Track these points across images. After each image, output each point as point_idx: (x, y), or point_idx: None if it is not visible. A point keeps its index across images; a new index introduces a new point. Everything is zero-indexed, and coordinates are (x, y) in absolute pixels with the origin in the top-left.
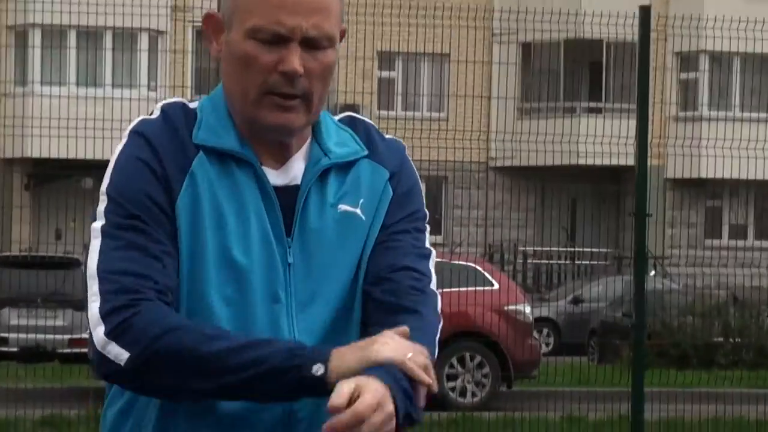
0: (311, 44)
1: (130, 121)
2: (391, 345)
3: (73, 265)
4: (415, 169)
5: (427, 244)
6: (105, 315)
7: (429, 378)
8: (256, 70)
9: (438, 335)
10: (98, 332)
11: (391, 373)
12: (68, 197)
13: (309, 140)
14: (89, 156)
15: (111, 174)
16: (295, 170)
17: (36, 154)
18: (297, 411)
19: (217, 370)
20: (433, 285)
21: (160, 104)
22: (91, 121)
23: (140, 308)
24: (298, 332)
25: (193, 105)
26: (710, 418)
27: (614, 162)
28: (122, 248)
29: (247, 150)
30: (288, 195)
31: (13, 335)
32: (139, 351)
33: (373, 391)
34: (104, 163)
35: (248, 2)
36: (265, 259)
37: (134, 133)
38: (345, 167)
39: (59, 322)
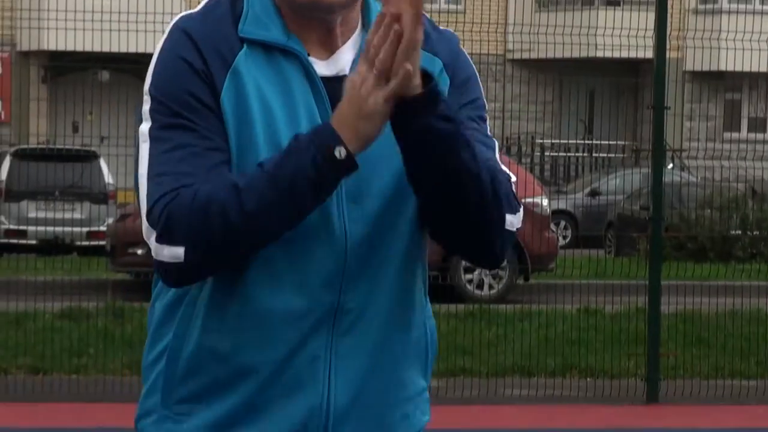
0: None
1: (146, 13)
2: (369, 82)
3: (90, 157)
4: (470, 60)
5: (489, 133)
6: (150, 219)
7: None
8: None
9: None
10: (151, 242)
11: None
12: (85, 90)
13: (358, 30)
14: (106, 49)
15: (153, 73)
16: (343, 60)
17: (53, 47)
18: (345, 303)
19: (260, 218)
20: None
21: None
22: (108, 13)
23: (176, 198)
24: (348, 223)
25: None
26: (727, 310)
27: (632, 55)
28: (170, 150)
29: (294, 41)
30: (336, 85)
31: (31, 228)
32: (189, 237)
33: None
34: (121, 56)
35: None
36: None
37: (176, 29)
38: None
39: (77, 215)
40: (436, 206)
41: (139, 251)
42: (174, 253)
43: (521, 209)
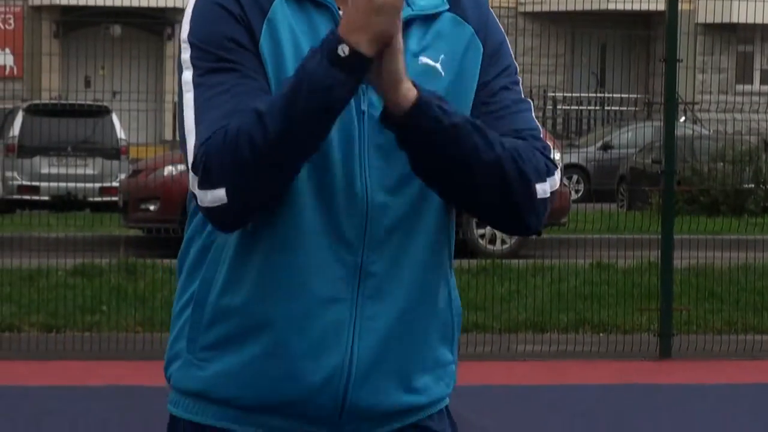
0: None
1: None
2: None
3: (102, 113)
4: (498, 22)
5: (523, 95)
6: (192, 167)
7: None
8: None
9: (543, 165)
10: (196, 191)
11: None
12: (97, 45)
13: None
14: (118, 3)
15: (190, 22)
16: None
17: (64, 2)
18: (367, 266)
19: (286, 136)
20: (539, 134)
21: None
22: None
23: (211, 138)
24: (369, 180)
25: None
26: (740, 264)
27: (644, 7)
28: (217, 94)
29: None
30: None
31: (44, 184)
32: (225, 175)
33: None
34: (133, 10)
35: None
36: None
37: None
38: (427, 19)
39: (89, 171)
40: (454, 196)
41: (152, 207)
42: (216, 196)
43: (556, 171)
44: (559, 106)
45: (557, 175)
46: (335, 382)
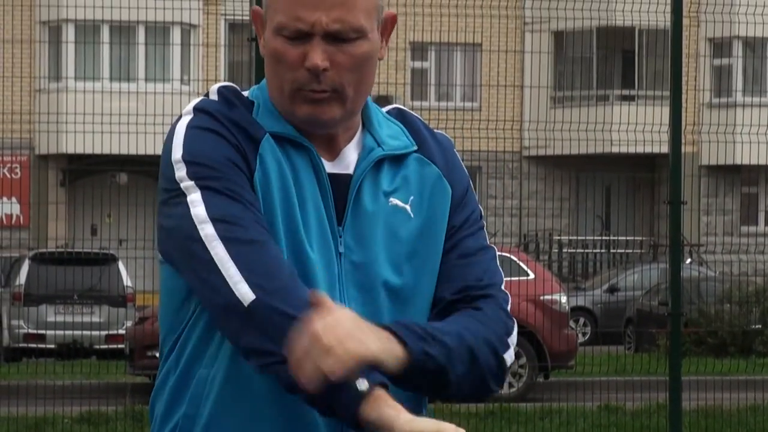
0: (337, 37)
1: (163, 115)
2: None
3: (109, 260)
4: (463, 165)
5: (488, 242)
6: (239, 302)
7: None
8: (285, 66)
9: (507, 329)
10: (240, 287)
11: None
12: (103, 193)
13: (360, 130)
14: (123, 151)
15: (183, 144)
16: (348, 159)
17: (71, 150)
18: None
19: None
20: (501, 285)
21: (214, 87)
22: (125, 116)
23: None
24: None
25: (245, 93)
26: (749, 406)
27: (648, 150)
28: (223, 196)
29: (305, 138)
30: (340, 183)
31: (50, 332)
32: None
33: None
34: (138, 158)
35: (274, 0)
36: (322, 245)
37: (198, 110)
38: (397, 159)
39: (96, 319)
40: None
41: (158, 354)
42: (245, 293)
43: (514, 326)
44: (564, 249)
45: (515, 329)
46: None
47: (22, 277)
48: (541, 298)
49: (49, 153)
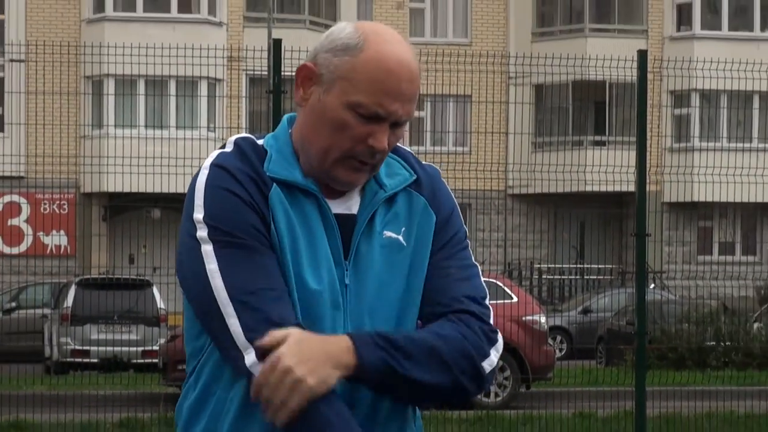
0: (397, 124)
1: (192, 158)
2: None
3: (145, 285)
4: (450, 191)
5: (472, 260)
6: (252, 340)
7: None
8: (347, 136)
9: (489, 339)
10: (249, 356)
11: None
12: (139, 226)
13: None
14: (156, 190)
15: (204, 205)
16: (351, 200)
17: (111, 189)
18: (360, 398)
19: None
20: (484, 299)
21: (232, 138)
22: (158, 158)
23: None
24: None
25: (260, 141)
26: (704, 413)
27: (617, 188)
28: (244, 271)
29: (311, 183)
30: (345, 222)
31: (93, 348)
32: None
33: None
34: (170, 196)
35: (358, 78)
36: (329, 280)
37: (215, 166)
38: (391, 197)
39: (133, 336)
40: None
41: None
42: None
43: (498, 337)
44: (544, 276)
45: (500, 339)
46: None
47: (69, 300)
48: (523, 318)
49: (92, 191)
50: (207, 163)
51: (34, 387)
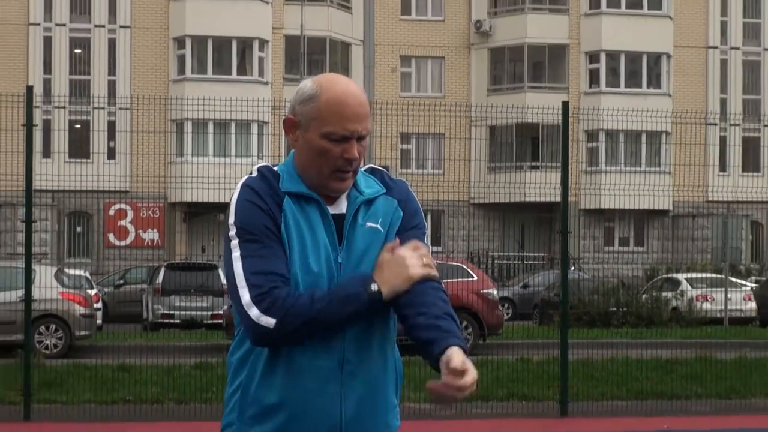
0: (360, 138)
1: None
2: (414, 262)
3: (213, 268)
4: (415, 197)
5: (427, 241)
6: (255, 299)
7: (435, 272)
8: (329, 158)
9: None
10: (252, 311)
11: (455, 333)
12: (209, 226)
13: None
14: (221, 200)
15: (234, 212)
16: (341, 204)
17: (190, 199)
18: (347, 357)
19: (324, 317)
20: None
21: (257, 166)
22: (223, 178)
23: (276, 292)
24: None
25: (275, 168)
26: (608, 358)
27: (548, 199)
28: (255, 257)
29: (315, 193)
30: (338, 219)
31: (177, 312)
32: (281, 317)
33: (471, 370)
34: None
35: (323, 115)
36: (326, 262)
37: (245, 185)
38: (371, 200)
39: (205, 304)
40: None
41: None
42: (268, 321)
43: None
44: (495, 261)
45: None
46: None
47: (160, 278)
48: (481, 291)
49: (176, 201)
50: (240, 183)
51: (136, 340)
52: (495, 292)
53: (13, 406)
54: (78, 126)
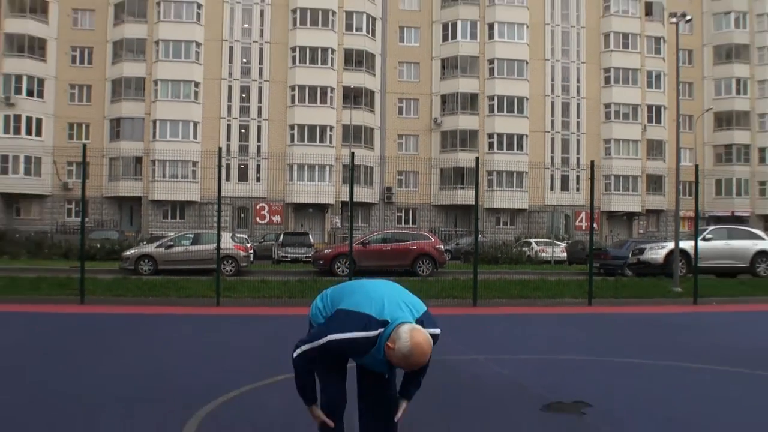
0: None
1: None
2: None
3: (307, 235)
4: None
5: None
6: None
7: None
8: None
9: None
10: (302, 349)
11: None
12: (306, 214)
13: None
14: (307, 201)
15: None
16: None
17: (296, 201)
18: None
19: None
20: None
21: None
22: (314, 193)
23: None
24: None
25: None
26: (497, 279)
27: (469, 203)
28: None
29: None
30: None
31: (289, 254)
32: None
33: (400, 413)
34: (312, 205)
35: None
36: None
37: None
38: None
39: (301, 251)
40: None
41: (321, 262)
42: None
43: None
44: (442, 231)
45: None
46: None
47: (281, 239)
48: (435, 246)
49: (289, 202)
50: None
51: (269, 267)
52: (442, 247)
53: (210, 298)
54: (242, 166)
